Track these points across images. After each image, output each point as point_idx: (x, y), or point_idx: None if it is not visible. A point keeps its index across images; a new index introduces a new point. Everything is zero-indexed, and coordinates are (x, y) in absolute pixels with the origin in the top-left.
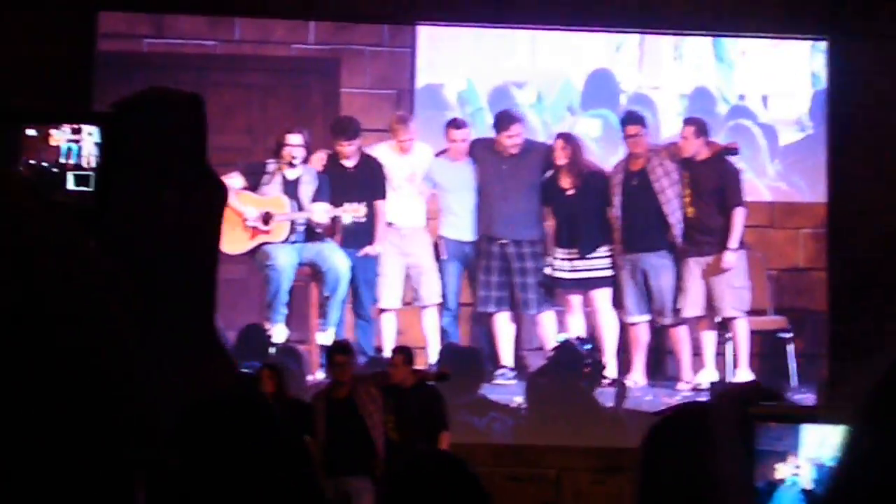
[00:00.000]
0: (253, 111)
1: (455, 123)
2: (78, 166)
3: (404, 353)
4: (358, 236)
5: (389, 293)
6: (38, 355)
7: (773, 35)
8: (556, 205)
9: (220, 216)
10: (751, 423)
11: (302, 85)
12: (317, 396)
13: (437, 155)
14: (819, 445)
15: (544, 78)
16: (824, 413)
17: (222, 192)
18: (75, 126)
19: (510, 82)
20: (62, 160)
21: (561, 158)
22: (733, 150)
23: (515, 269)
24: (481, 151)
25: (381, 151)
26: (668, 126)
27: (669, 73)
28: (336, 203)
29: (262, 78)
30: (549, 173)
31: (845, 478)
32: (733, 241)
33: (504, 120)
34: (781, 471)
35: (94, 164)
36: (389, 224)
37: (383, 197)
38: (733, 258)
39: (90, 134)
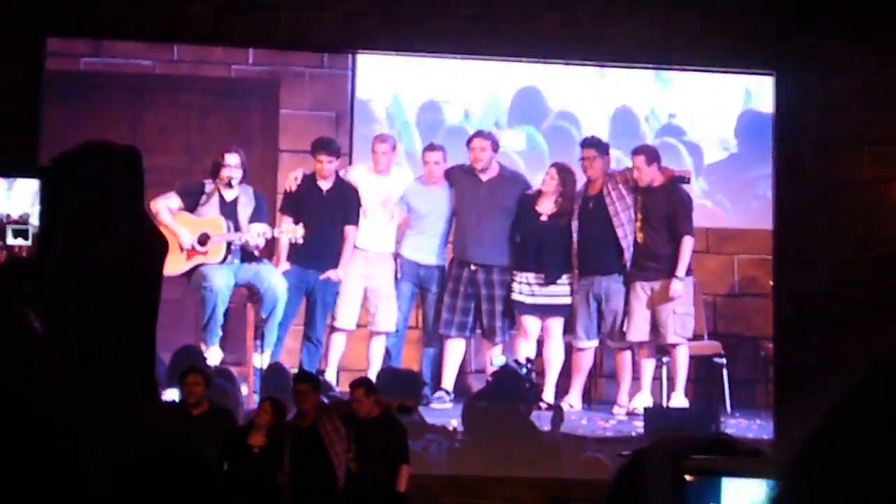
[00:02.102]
0: (191, 131)
1: (431, 146)
2: (17, 220)
3: (365, 386)
4: (322, 258)
5: (346, 313)
6: None
7: (720, 70)
8: (528, 228)
9: (159, 268)
10: (682, 477)
11: (241, 106)
12: (284, 427)
13: (416, 180)
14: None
15: (472, 94)
16: (754, 466)
17: (162, 244)
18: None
19: (438, 98)
20: None
21: (548, 184)
22: (685, 179)
23: (483, 296)
24: (459, 175)
25: (358, 172)
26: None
27: (596, 91)
28: (306, 223)
29: (200, 98)
30: (531, 191)
31: None
32: (681, 270)
33: (472, 136)
34: None
35: (31, 218)
36: (356, 247)
37: (355, 223)
38: (680, 287)
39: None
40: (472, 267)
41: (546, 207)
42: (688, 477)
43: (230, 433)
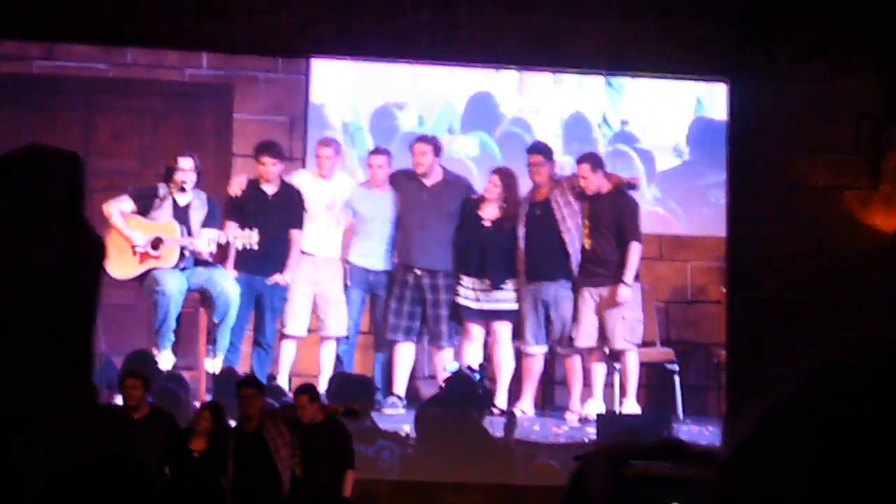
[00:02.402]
0: (144, 135)
1: (376, 150)
2: None
3: (309, 392)
4: (268, 263)
5: (296, 320)
6: None
7: (673, 76)
8: (471, 233)
9: (97, 273)
10: (623, 483)
11: (194, 110)
12: (227, 432)
13: (361, 184)
14: None
15: (425, 100)
16: (692, 472)
17: (100, 249)
18: None
19: (391, 104)
20: None
21: (491, 191)
22: (633, 185)
23: (429, 301)
24: (402, 180)
25: (302, 177)
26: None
27: (549, 97)
28: (251, 228)
29: (153, 102)
30: (474, 196)
31: None
32: (628, 276)
33: (414, 140)
34: None
35: None
36: (303, 252)
37: (300, 227)
38: (628, 293)
39: None
40: (418, 272)
41: (489, 213)
42: (627, 482)
43: (171, 436)
